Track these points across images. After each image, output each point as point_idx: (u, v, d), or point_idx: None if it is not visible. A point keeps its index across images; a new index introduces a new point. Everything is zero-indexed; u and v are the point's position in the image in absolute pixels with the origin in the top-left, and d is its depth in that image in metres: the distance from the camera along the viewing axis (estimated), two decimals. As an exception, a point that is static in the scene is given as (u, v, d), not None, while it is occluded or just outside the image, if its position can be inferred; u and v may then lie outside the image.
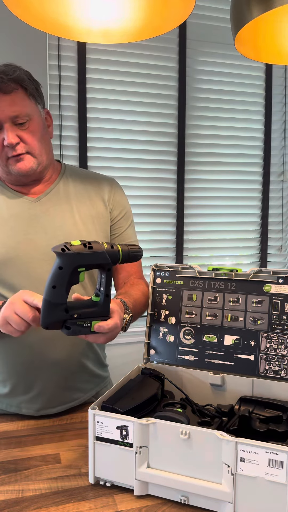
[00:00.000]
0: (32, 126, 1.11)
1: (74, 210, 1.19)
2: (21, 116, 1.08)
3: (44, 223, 1.15)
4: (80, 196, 1.22)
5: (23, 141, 1.10)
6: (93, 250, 0.82)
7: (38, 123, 1.13)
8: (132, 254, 0.87)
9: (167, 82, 2.40)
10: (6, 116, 1.07)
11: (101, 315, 0.86)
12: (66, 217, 1.18)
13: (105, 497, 0.83)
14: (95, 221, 1.21)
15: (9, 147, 1.08)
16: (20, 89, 1.09)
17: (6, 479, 0.88)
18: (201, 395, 1.04)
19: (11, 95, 1.07)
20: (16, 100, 1.08)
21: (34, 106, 1.13)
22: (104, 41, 1.10)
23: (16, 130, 1.09)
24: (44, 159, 1.15)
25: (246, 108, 2.58)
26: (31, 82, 1.13)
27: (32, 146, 1.11)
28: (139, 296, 1.16)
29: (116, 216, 1.27)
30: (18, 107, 1.08)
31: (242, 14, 1.02)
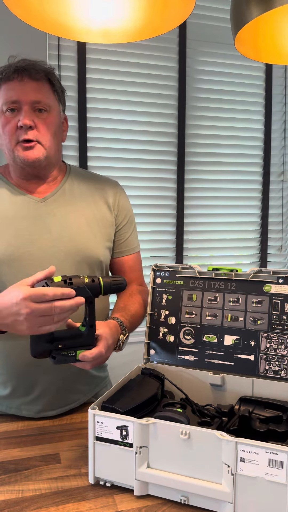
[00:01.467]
0: (49, 118, 1.12)
1: (80, 211, 1.19)
2: (42, 103, 1.10)
3: (49, 224, 1.15)
4: (85, 198, 1.22)
5: (37, 128, 1.10)
6: (73, 286, 0.84)
7: (55, 118, 1.14)
8: (114, 287, 0.90)
9: (167, 82, 2.40)
10: (27, 99, 1.08)
11: (86, 344, 0.90)
12: (71, 219, 1.17)
13: (105, 497, 0.83)
14: (99, 224, 1.21)
15: (23, 128, 1.08)
16: (47, 82, 1.12)
17: (6, 479, 0.88)
18: (201, 395, 1.04)
19: (37, 82, 1.10)
20: (41, 88, 1.10)
21: (56, 103, 1.15)
22: (104, 41, 1.10)
23: (33, 116, 1.09)
24: (52, 154, 1.15)
25: (246, 108, 2.57)
26: (58, 83, 1.17)
27: (44, 136, 1.11)
28: (136, 308, 1.18)
29: (121, 222, 1.27)
30: (41, 95, 1.10)
31: (242, 14, 1.02)
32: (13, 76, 1.09)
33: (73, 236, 1.16)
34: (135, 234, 1.33)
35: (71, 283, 0.84)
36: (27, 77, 1.09)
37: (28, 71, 1.10)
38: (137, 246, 1.34)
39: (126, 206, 1.30)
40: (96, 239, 1.19)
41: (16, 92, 1.08)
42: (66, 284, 0.84)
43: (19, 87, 1.09)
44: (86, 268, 1.17)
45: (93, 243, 1.18)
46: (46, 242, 1.13)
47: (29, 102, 1.09)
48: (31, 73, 1.10)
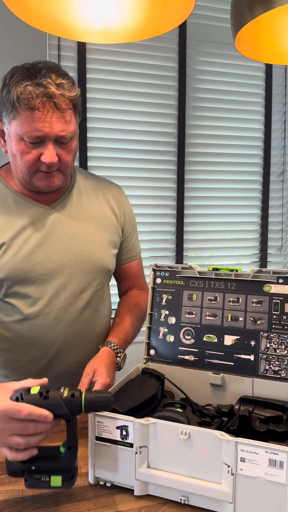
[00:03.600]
0: (70, 145, 1.07)
1: (86, 219, 1.17)
2: (66, 137, 1.04)
3: (58, 232, 1.13)
4: (91, 204, 1.20)
5: (60, 160, 1.05)
6: (48, 400, 0.75)
7: (75, 142, 1.10)
8: (96, 404, 0.77)
9: (167, 82, 2.40)
10: (54, 134, 1.01)
11: (62, 470, 0.78)
12: (80, 227, 1.16)
13: (105, 497, 0.83)
14: (107, 231, 1.20)
15: (47, 165, 1.04)
16: (72, 109, 1.05)
17: (6, 479, 0.88)
18: (201, 395, 1.04)
19: (64, 114, 1.01)
20: (67, 119, 1.03)
21: (77, 127, 1.09)
22: (104, 41, 1.10)
23: (57, 149, 1.04)
24: (67, 176, 1.13)
25: (246, 108, 2.58)
26: (80, 100, 1.09)
27: (65, 166, 1.08)
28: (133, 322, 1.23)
29: (128, 229, 1.28)
30: (67, 127, 1.03)
31: (242, 14, 1.02)
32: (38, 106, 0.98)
33: (83, 245, 1.14)
34: (138, 241, 1.35)
35: (46, 397, 0.75)
36: (52, 108, 0.99)
37: (54, 101, 0.99)
38: (140, 250, 1.35)
39: (131, 213, 1.30)
40: (104, 247, 1.19)
41: (42, 125, 0.99)
42: (41, 398, 0.75)
43: (44, 120, 0.99)
44: (96, 277, 1.17)
45: (102, 251, 1.18)
46: (56, 251, 1.11)
47: (54, 137, 1.02)
48: (57, 104, 0.99)
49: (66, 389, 0.77)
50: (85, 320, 1.17)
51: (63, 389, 0.76)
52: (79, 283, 1.14)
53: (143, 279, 1.38)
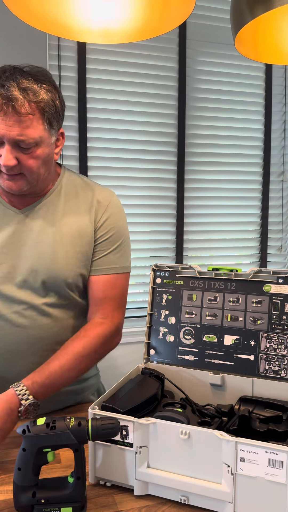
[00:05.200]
0: (36, 152, 1.03)
1: (57, 227, 1.12)
2: (27, 142, 1.00)
3: (24, 238, 1.10)
4: (68, 211, 1.14)
5: (20, 163, 1.02)
6: (55, 430, 0.76)
7: (43, 151, 1.05)
8: (103, 432, 0.77)
9: (167, 82, 2.40)
10: (10, 137, 0.99)
11: (71, 500, 0.78)
12: (46, 234, 1.11)
13: (105, 497, 0.83)
14: (76, 241, 1.13)
15: (3, 166, 1.01)
16: (37, 114, 1.00)
17: (6, 479, 0.88)
18: (201, 395, 1.04)
19: (23, 118, 0.98)
20: (27, 124, 0.99)
21: (46, 133, 1.04)
22: (104, 41, 1.10)
23: (17, 152, 1.01)
24: (37, 183, 1.09)
25: (246, 108, 2.57)
26: (53, 106, 1.04)
27: (29, 171, 1.04)
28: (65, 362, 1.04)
29: (100, 237, 1.16)
30: (27, 132, 0.99)
31: (242, 14, 1.02)
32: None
33: (43, 253, 1.10)
34: (120, 254, 1.18)
35: (53, 427, 0.76)
36: (11, 110, 0.97)
37: (12, 104, 0.96)
38: (118, 268, 1.18)
39: (111, 221, 1.17)
40: (67, 259, 1.11)
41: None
42: (48, 428, 0.76)
43: (2, 121, 0.98)
44: (53, 286, 1.11)
45: (63, 262, 1.11)
46: (15, 256, 1.09)
47: (12, 140, 0.99)
48: (16, 106, 0.97)
49: (72, 418, 0.78)
50: (41, 327, 1.12)
51: (69, 419, 0.77)
52: (34, 290, 1.10)
53: (113, 306, 1.16)
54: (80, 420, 0.77)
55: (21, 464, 0.77)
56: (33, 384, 1.00)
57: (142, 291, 2.51)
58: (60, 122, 1.10)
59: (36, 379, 1.01)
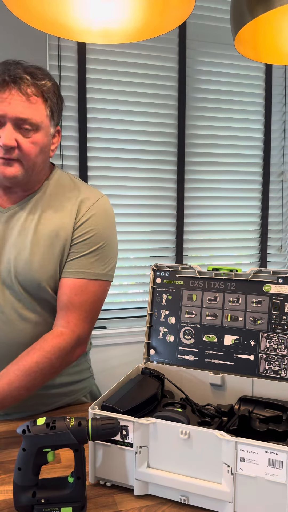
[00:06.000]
0: (35, 137, 1.02)
1: (34, 229, 1.08)
2: (29, 122, 1.00)
3: (6, 238, 1.08)
4: (50, 212, 1.10)
5: (19, 147, 1.01)
6: (55, 430, 0.76)
7: (42, 138, 1.04)
8: (103, 432, 0.76)
9: (167, 82, 2.40)
10: (13, 115, 0.98)
11: (71, 500, 0.78)
12: (24, 235, 1.08)
13: (105, 497, 0.83)
14: (54, 242, 1.08)
15: (3, 148, 1.00)
16: (40, 98, 1.02)
17: (6, 479, 0.88)
18: (201, 395, 1.04)
19: (28, 98, 0.99)
20: (32, 104, 1.00)
21: (47, 120, 1.04)
22: (104, 41, 1.10)
23: (17, 134, 1.00)
24: (32, 173, 1.06)
25: (246, 108, 2.58)
26: (55, 96, 1.05)
27: (26, 157, 1.02)
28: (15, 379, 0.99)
29: (76, 238, 1.09)
30: (30, 112, 1.00)
31: (242, 14, 1.02)
32: (1, 86, 0.98)
33: (20, 255, 1.07)
34: (96, 258, 1.10)
35: (53, 427, 0.76)
36: (16, 90, 0.98)
37: (18, 84, 0.98)
38: (91, 273, 1.09)
39: (91, 223, 1.10)
40: (43, 261, 1.07)
41: (1, 104, 0.98)
42: (48, 428, 0.76)
43: (6, 100, 0.98)
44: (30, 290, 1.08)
45: (38, 265, 1.07)
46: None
47: (14, 119, 0.99)
48: (21, 86, 0.98)
49: (72, 418, 0.78)
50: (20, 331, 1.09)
51: (69, 419, 0.77)
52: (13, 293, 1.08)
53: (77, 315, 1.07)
54: (80, 420, 0.77)
55: (21, 464, 0.77)
56: None
57: (142, 291, 2.51)
58: (59, 118, 1.10)
59: None
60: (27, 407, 1.15)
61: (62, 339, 1.04)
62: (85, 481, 0.79)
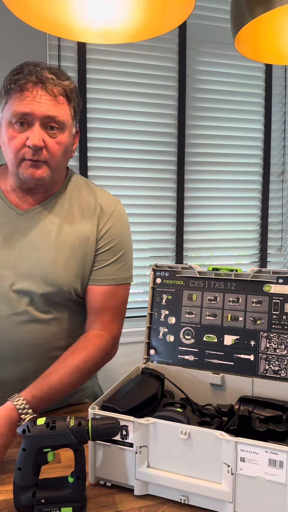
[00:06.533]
0: (60, 137, 1.04)
1: (57, 232, 1.10)
2: (56, 120, 1.02)
3: (22, 240, 1.09)
4: (70, 217, 1.12)
5: (46, 147, 1.02)
6: (55, 430, 0.76)
7: (67, 138, 1.06)
8: (103, 432, 0.77)
9: (167, 82, 2.40)
10: (42, 113, 1.00)
11: (71, 500, 0.77)
12: (45, 239, 1.09)
13: (105, 497, 0.83)
14: (76, 248, 1.11)
15: (32, 149, 1.01)
16: (65, 98, 1.05)
17: (6, 479, 0.88)
18: (201, 395, 1.04)
19: (55, 98, 1.02)
20: (58, 103, 1.03)
21: (71, 120, 1.07)
22: (104, 41, 1.10)
23: (44, 134, 1.02)
24: (57, 174, 1.09)
25: (246, 108, 2.58)
26: (77, 97, 1.09)
27: (53, 157, 1.04)
28: (65, 376, 1.03)
29: (101, 247, 1.14)
30: (57, 110, 1.02)
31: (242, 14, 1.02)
32: (28, 86, 1.00)
33: (41, 258, 1.08)
34: (121, 265, 1.16)
35: (53, 427, 0.76)
36: (43, 90, 1.01)
37: (45, 84, 1.01)
38: (118, 278, 1.15)
39: (114, 231, 1.15)
40: (67, 265, 1.10)
41: (29, 103, 1.00)
42: (48, 428, 0.76)
43: (33, 99, 1.00)
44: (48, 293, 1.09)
45: (59, 269, 1.09)
46: (12, 259, 1.08)
47: (42, 117, 1.00)
48: (48, 87, 1.01)
49: (72, 418, 0.78)
50: (32, 332, 1.10)
51: (69, 418, 0.77)
52: (27, 294, 1.08)
53: (110, 318, 1.14)
54: (80, 420, 0.77)
55: (21, 464, 0.77)
56: (33, 399, 0.98)
57: (142, 291, 2.51)
58: (78, 119, 1.13)
59: (35, 393, 0.99)
60: None
61: (103, 339, 1.12)
62: (85, 481, 0.79)
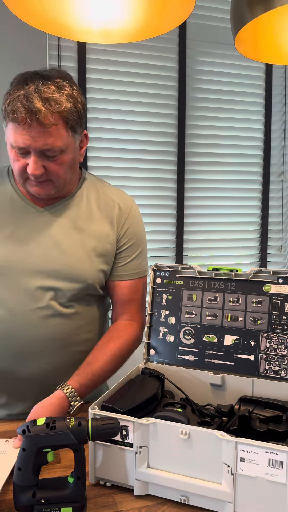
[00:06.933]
0: (61, 158, 1.05)
1: (79, 229, 1.14)
2: (52, 150, 1.02)
3: (42, 236, 1.11)
4: (88, 215, 1.16)
5: (47, 170, 1.04)
6: (55, 430, 0.76)
7: (69, 156, 1.07)
8: (103, 432, 0.77)
9: (167, 82, 2.40)
10: (36, 147, 1.00)
11: (71, 500, 0.77)
12: (65, 235, 1.12)
13: (105, 497, 0.83)
14: (98, 245, 1.15)
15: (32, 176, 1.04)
16: (60, 123, 1.02)
17: (6, 479, 0.88)
18: (201, 395, 1.04)
19: (48, 129, 1.00)
20: (52, 133, 1.01)
21: (70, 139, 1.05)
22: (104, 41, 1.10)
23: (43, 161, 1.03)
24: (64, 185, 1.11)
25: (246, 108, 2.58)
26: (75, 112, 1.04)
27: (56, 177, 1.06)
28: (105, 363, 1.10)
29: (123, 245, 1.20)
30: (52, 141, 1.01)
31: (242, 14, 1.02)
32: (20, 119, 0.98)
33: (63, 253, 1.11)
34: (141, 259, 1.23)
35: (53, 428, 0.76)
36: (35, 122, 0.98)
37: (36, 117, 0.97)
38: (140, 272, 1.23)
39: (133, 229, 1.21)
40: (89, 260, 1.13)
41: (23, 138, 0.99)
42: (48, 428, 0.76)
43: (26, 133, 0.99)
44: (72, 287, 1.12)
45: (83, 263, 1.13)
46: (35, 255, 1.10)
47: (38, 150, 1.01)
48: (39, 119, 0.98)
49: (72, 418, 0.78)
50: (54, 327, 1.12)
51: (69, 419, 0.77)
52: (51, 289, 1.10)
53: (137, 308, 1.22)
54: (80, 420, 0.77)
55: (21, 464, 0.77)
56: (80, 386, 1.03)
57: (142, 291, 2.51)
58: (83, 125, 1.11)
59: (81, 381, 1.04)
60: None
61: (134, 329, 1.19)
62: (85, 481, 0.79)
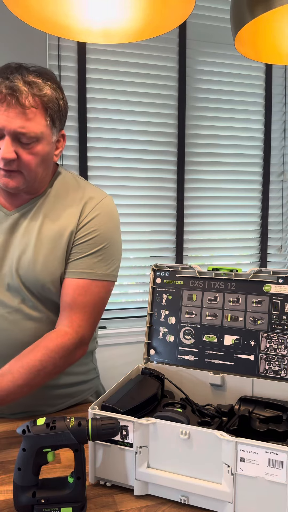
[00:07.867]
0: (36, 148, 1.01)
1: (38, 230, 1.08)
2: (28, 135, 0.98)
3: (7, 239, 1.09)
4: (54, 214, 1.10)
5: (19, 158, 1.00)
6: (55, 430, 0.76)
7: (43, 148, 1.02)
8: (103, 432, 0.77)
9: (167, 82, 2.40)
10: (11, 129, 0.96)
11: (71, 500, 0.77)
12: (28, 237, 1.08)
13: (105, 497, 0.83)
14: (57, 244, 1.08)
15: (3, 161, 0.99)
16: (40, 108, 0.99)
17: (6, 479, 0.88)
18: (201, 395, 1.04)
19: (26, 110, 0.97)
20: (30, 117, 0.97)
21: (47, 130, 1.02)
22: (104, 41, 1.10)
23: (16, 146, 0.99)
24: (34, 182, 1.06)
25: (246, 108, 2.58)
26: (56, 104, 1.02)
27: (27, 168, 1.01)
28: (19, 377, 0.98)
29: (79, 238, 1.09)
30: (28, 125, 0.97)
31: (242, 14, 1.02)
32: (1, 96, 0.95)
33: (24, 257, 1.07)
34: (99, 260, 1.09)
35: (53, 428, 0.76)
36: (14, 102, 0.95)
37: (16, 96, 0.95)
38: (93, 273, 1.08)
39: (97, 224, 1.10)
40: (46, 262, 1.07)
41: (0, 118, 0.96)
42: (48, 428, 0.76)
43: (4, 113, 0.96)
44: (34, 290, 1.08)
45: (41, 267, 1.07)
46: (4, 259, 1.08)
47: (12, 133, 0.97)
48: (19, 98, 0.95)
49: (72, 418, 0.78)
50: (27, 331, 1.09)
51: (69, 419, 0.77)
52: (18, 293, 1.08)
53: (80, 315, 1.07)
54: (80, 420, 0.77)
55: (21, 464, 0.77)
56: None
57: (142, 291, 2.51)
58: (63, 123, 1.08)
59: None
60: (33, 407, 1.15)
61: (66, 338, 1.04)
62: (85, 481, 0.79)
